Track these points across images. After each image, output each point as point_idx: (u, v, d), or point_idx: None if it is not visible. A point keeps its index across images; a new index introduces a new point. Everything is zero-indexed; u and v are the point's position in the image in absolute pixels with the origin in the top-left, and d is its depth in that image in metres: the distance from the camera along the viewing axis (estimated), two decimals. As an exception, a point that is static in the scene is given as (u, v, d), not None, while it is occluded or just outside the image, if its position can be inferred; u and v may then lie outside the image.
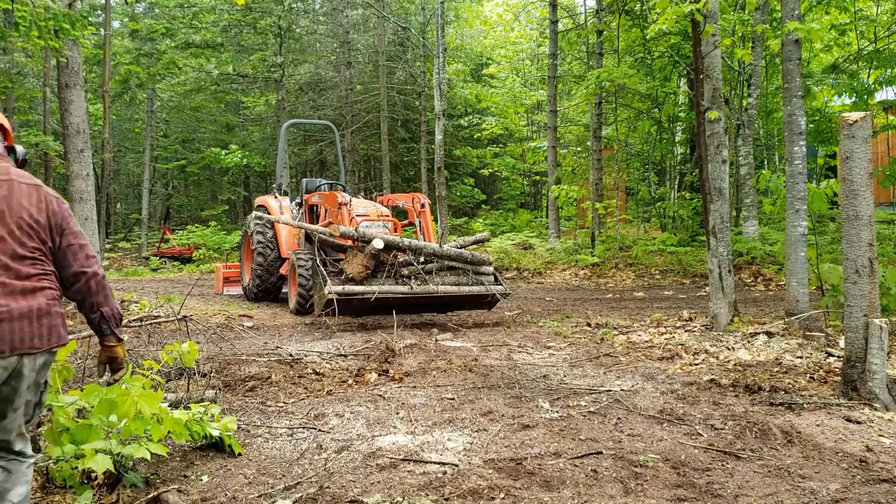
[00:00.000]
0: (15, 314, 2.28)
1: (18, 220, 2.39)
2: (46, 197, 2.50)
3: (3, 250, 2.33)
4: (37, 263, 2.40)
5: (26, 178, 2.50)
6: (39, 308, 2.34)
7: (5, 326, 2.25)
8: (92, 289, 2.53)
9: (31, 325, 2.31)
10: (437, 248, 7.90)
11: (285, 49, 23.20)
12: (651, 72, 16.82)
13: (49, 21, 5.40)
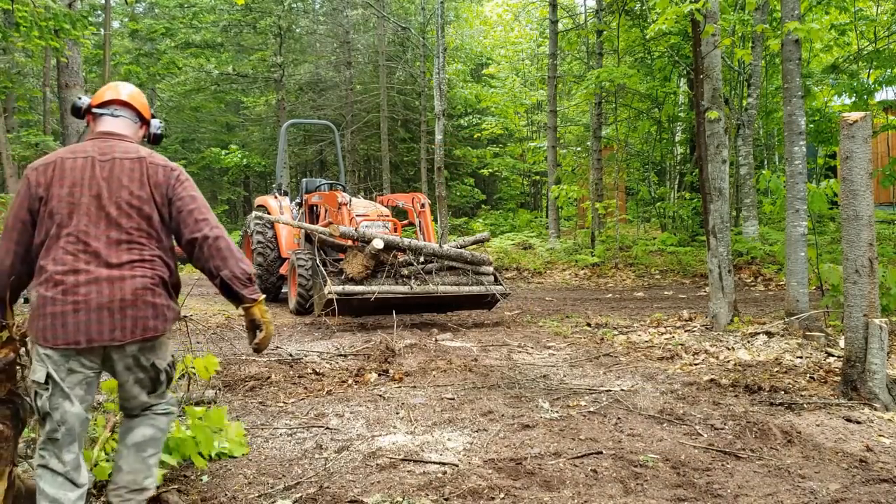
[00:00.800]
0: (93, 305, 2.25)
1: (118, 199, 2.35)
2: (149, 168, 2.43)
3: (98, 236, 2.31)
4: (134, 247, 2.34)
5: (131, 153, 2.45)
6: (123, 299, 2.28)
7: (82, 317, 2.24)
8: (205, 254, 2.43)
9: (112, 316, 2.26)
10: (437, 248, 7.90)
11: (285, 49, 23.20)
12: (651, 72, 16.82)
13: (49, 21, 5.40)
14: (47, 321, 2.25)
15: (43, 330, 2.26)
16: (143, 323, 2.30)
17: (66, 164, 2.38)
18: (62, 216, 2.32)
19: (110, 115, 2.55)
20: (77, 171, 2.36)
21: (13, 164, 9.12)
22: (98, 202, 2.34)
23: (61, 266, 2.26)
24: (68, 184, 2.35)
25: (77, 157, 2.39)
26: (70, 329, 2.23)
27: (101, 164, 2.39)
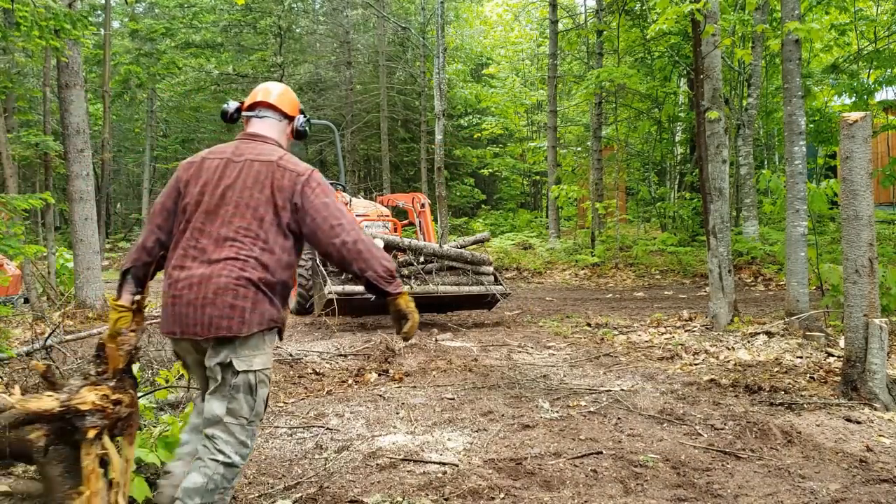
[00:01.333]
0: (183, 300, 2.36)
1: (237, 199, 2.44)
2: (276, 172, 2.48)
3: (210, 232, 2.41)
4: (234, 246, 2.39)
5: (264, 156, 2.53)
6: (205, 297, 2.34)
7: (177, 309, 2.37)
8: (346, 258, 2.47)
9: (195, 312, 2.34)
10: (437, 248, 7.90)
11: (285, 49, 23.21)
12: (651, 72, 16.82)
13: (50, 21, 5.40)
14: (161, 310, 2.46)
15: (160, 317, 2.48)
16: (217, 322, 2.33)
17: (205, 164, 2.53)
18: (189, 212, 2.46)
19: (256, 117, 2.67)
20: (210, 171, 2.50)
21: (13, 164, 9.12)
22: (220, 201, 2.44)
23: (175, 261, 2.44)
24: (201, 182, 2.49)
25: (215, 158, 2.54)
26: (169, 320, 2.41)
27: (233, 164, 2.51)
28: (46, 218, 10.00)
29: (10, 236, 5.06)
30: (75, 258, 8.37)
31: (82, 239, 8.27)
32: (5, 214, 5.40)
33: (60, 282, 9.41)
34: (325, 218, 2.45)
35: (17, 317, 7.52)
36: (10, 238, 5.00)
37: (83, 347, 5.95)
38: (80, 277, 8.24)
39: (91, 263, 8.30)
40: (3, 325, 6.42)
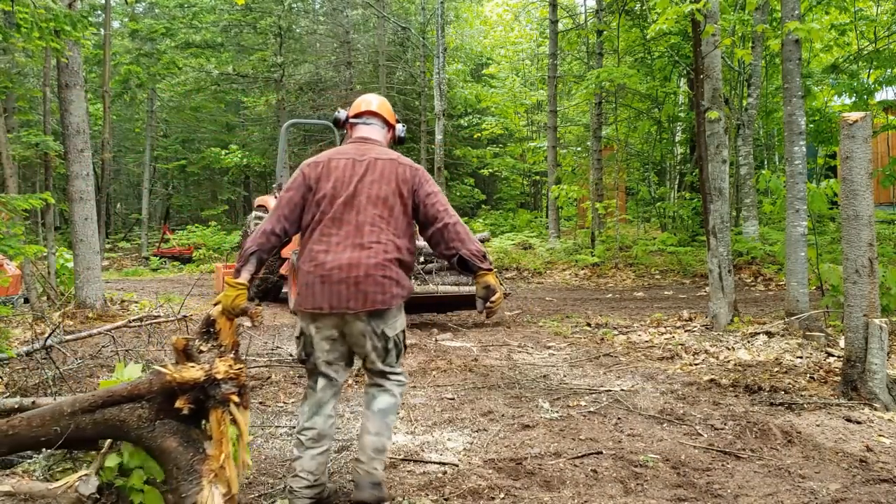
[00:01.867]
0: (334, 279, 2.74)
1: (368, 192, 2.86)
2: (399, 168, 2.95)
3: (349, 220, 2.81)
4: (374, 231, 2.82)
5: (384, 155, 2.97)
6: (357, 276, 2.75)
7: (327, 288, 2.75)
8: (447, 237, 2.90)
9: (349, 289, 2.74)
10: (437, 248, 7.90)
11: (285, 49, 23.20)
12: (651, 72, 16.81)
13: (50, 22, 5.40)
14: (304, 290, 2.79)
15: (300, 296, 2.81)
16: (371, 297, 2.75)
17: (332, 164, 2.91)
18: (325, 205, 2.84)
19: (364, 124, 3.09)
20: (340, 169, 2.89)
21: (13, 164, 9.12)
22: (353, 194, 2.84)
23: (319, 246, 2.80)
24: (333, 179, 2.87)
25: (341, 158, 2.93)
26: (317, 297, 2.76)
27: (358, 163, 2.91)
28: (46, 218, 10.00)
29: (10, 236, 5.06)
30: (75, 258, 8.37)
31: (82, 239, 8.27)
32: (5, 214, 5.40)
33: (60, 282, 9.41)
34: (434, 204, 2.92)
35: (17, 317, 7.52)
36: (10, 238, 5.00)
37: (83, 347, 5.95)
38: (80, 277, 8.24)
39: (91, 263, 8.30)
40: (3, 325, 6.42)
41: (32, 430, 2.75)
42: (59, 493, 2.58)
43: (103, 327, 5.55)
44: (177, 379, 2.53)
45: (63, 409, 2.74)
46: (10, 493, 2.61)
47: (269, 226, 2.86)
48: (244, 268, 2.82)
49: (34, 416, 2.77)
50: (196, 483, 2.53)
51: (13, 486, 2.64)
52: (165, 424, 2.68)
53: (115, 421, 2.72)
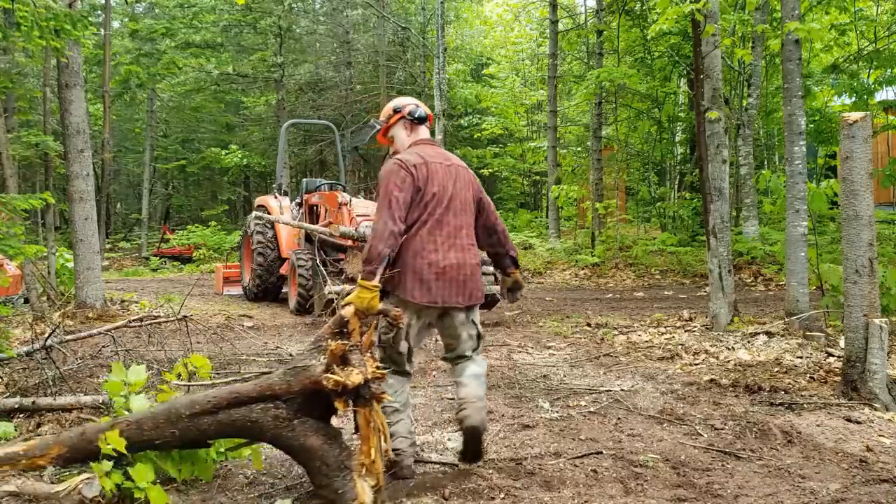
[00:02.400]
0: (446, 277, 3.10)
1: (460, 198, 3.22)
2: (469, 174, 3.33)
3: (450, 222, 3.15)
4: (466, 233, 3.23)
5: (456, 161, 3.32)
6: (465, 275, 3.15)
7: (441, 284, 3.09)
8: (500, 240, 3.45)
9: (458, 286, 3.13)
10: (437, 248, 7.90)
11: (285, 49, 23.20)
12: (651, 72, 16.81)
13: (50, 21, 5.40)
14: (418, 285, 3.07)
15: (412, 290, 3.07)
16: (473, 293, 3.20)
17: (431, 167, 3.17)
18: (431, 207, 3.13)
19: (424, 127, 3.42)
20: (439, 175, 3.18)
21: (13, 164, 9.12)
22: (451, 199, 3.18)
23: (429, 245, 3.10)
24: (436, 183, 3.15)
25: (434, 162, 3.20)
26: (433, 292, 3.08)
27: (447, 168, 3.23)
28: (46, 218, 9.99)
29: (10, 236, 5.05)
30: (75, 258, 8.37)
31: (82, 239, 8.27)
32: (5, 214, 5.40)
33: (60, 282, 9.41)
34: (492, 211, 3.44)
35: (17, 317, 7.52)
36: (10, 238, 5.00)
37: (83, 347, 5.95)
38: (80, 277, 8.24)
39: (91, 263, 8.30)
40: (3, 325, 6.42)
41: (144, 433, 2.79)
42: (63, 495, 2.59)
43: (103, 327, 5.54)
44: (344, 382, 2.65)
45: (180, 412, 2.79)
46: (14, 493, 2.62)
47: (395, 227, 3.03)
48: (378, 270, 2.96)
49: (143, 419, 2.82)
50: (349, 478, 2.69)
51: (18, 487, 2.65)
52: (305, 424, 2.77)
53: (245, 422, 2.79)
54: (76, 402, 4.06)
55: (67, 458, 2.82)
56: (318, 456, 2.74)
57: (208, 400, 2.81)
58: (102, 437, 2.73)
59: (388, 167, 3.16)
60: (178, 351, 5.52)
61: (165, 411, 2.82)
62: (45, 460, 2.78)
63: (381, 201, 3.07)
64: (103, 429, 2.80)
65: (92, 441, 2.79)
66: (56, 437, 2.85)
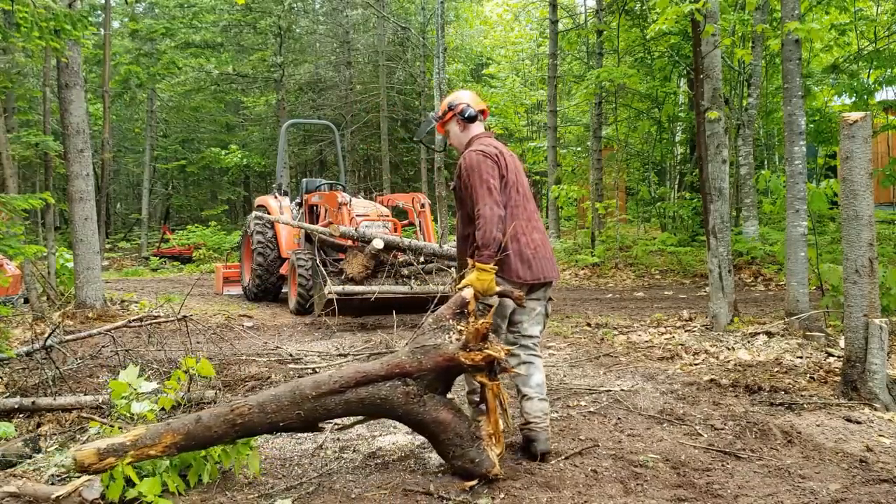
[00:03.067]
0: (541, 255, 3.40)
1: (524, 184, 3.51)
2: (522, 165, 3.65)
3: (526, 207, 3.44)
4: (538, 217, 3.53)
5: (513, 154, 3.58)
6: (549, 254, 3.47)
7: (537, 263, 3.37)
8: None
9: (549, 264, 3.45)
10: (437, 248, 7.90)
11: (285, 49, 23.20)
12: (651, 72, 16.81)
13: (50, 21, 5.40)
14: (521, 264, 3.34)
15: (517, 270, 3.33)
16: (555, 269, 3.51)
17: (505, 157, 3.45)
18: (509, 192, 3.40)
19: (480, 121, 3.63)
20: (511, 164, 3.46)
21: (13, 164, 9.11)
22: (522, 185, 3.48)
23: (520, 227, 3.37)
24: (510, 171, 3.43)
25: (504, 153, 3.47)
26: (534, 270, 3.37)
27: (511, 158, 3.49)
28: (46, 218, 9.99)
29: (10, 236, 5.06)
30: (75, 258, 8.37)
31: (82, 239, 8.27)
32: (5, 214, 5.40)
33: (60, 282, 9.41)
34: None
35: (17, 317, 7.52)
36: (10, 238, 5.00)
37: (83, 347, 5.95)
38: (80, 277, 8.24)
39: (91, 263, 8.30)
40: (3, 325, 6.42)
41: (267, 416, 2.88)
42: (64, 497, 2.59)
43: (103, 327, 5.54)
44: (493, 356, 2.94)
45: (305, 393, 2.91)
46: (15, 494, 2.61)
47: (501, 212, 3.28)
48: (494, 253, 3.21)
49: (266, 402, 2.90)
50: (481, 448, 2.96)
51: (18, 488, 2.65)
52: (434, 399, 2.98)
53: (374, 399, 2.95)
54: (76, 402, 4.06)
55: (181, 447, 2.80)
56: (450, 428, 2.94)
57: (335, 380, 2.95)
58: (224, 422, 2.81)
59: (472, 158, 3.36)
60: (178, 351, 5.52)
61: (290, 393, 2.92)
62: (157, 450, 2.75)
63: (479, 190, 3.27)
64: (223, 413, 2.85)
65: (210, 427, 2.81)
66: (167, 426, 2.82)
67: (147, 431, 2.78)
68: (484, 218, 3.20)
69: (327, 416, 2.98)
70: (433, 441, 3.03)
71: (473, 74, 26.19)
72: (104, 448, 2.68)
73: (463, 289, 3.13)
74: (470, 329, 2.95)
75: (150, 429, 2.81)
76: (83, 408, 4.01)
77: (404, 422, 3.04)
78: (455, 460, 2.97)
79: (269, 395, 2.92)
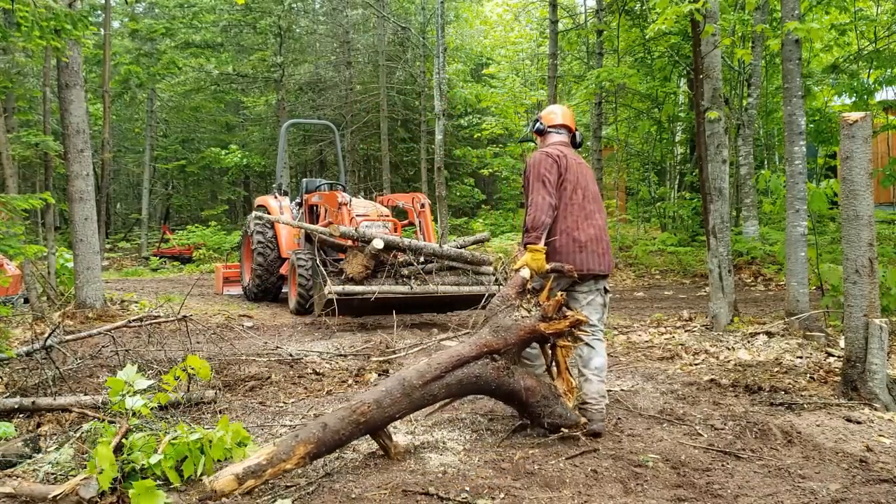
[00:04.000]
0: (588, 249, 3.84)
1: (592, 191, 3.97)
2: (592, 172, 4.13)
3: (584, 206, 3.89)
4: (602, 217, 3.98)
5: (582, 160, 4.07)
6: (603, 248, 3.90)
7: (587, 255, 3.82)
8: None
9: (601, 257, 3.88)
10: (437, 247, 7.90)
11: (285, 49, 23.20)
12: (651, 72, 16.81)
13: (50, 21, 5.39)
14: (570, 255, 3.80)
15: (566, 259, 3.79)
16: (609, 264, 3.93)
17: (568, 160, 3.93)
18: (571, 191, 3.88)
19: (556, 133, 4.21)
20: (574, 166, 3.94)
21: (13, 164, 9.11)
22: (585, 188, 3.93)
23: (573, 223, 3.84)
24: (572, 173, 3.91)
25: (569, 157, 3.97)
26: (587, 262, 3.82)
27: (578, 164, 3.98)
28: (46, 218, 9.99)
29: (10, 236, 5.06)
30: (75, 258, 8.37)
31: (82, 239, 8.27)
32: (5, 214, 5.40)
33: (60, 282, 9.41)
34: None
35: (17, 317, 7.52)
36: (10, 238, 5.00)
37: (83, 347, 5.95)
38: (80, 277, 8.24)
39: (91, 263, 8.30)
40: (3, 325, 6.42)
41: (385, 410, 3.15)
42: (60, 497, 2.59)
43: (103, 327, 5.54)
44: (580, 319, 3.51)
45: (413, 383, 3.22)
46: (11, 495, 2.61)
47: (552, 200, 3.80)
48: (542, 236, 3.72)
49: (381, 398, 3.16)
50: (563, 404, 3.51)
51: (14, 489, 2.64)
52: (519, 370, 3.45)
53: (471, 378, 3.34)
54: (76, 402, 4.06)
55: (314, 455, 2.96)
56: (537, 392, 3.42)
57: (434, 367, 3.27)
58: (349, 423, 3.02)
59: (536, 156, 4.01)
60: (178, 351, 5.52)
61: (399, 386, 3.20)
62: (292, 463, 2.88)
63: (534, 182, 3.86)
64: (346, 416, 3.04)
65: (337, 432, 3.00)
66: (296, 438, 2.94)
67: (279, 448, 2.88)
68: (535, 204, 3.77)
69: (432, 400, 3.31)
70: (523, 406, 3.48)
71: (473, 74, 26.18)
72: (241, 472, 2.78)
73: (520, 270, 3.63)
74: (550, 302, 3.52)
75: (281, 444, 2.91)
76: (83, 408, 4.01)
77: (497, 395, 3.48)
78: (545, 418, 3.46)
79: (382, 392, 3.16)
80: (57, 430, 3.79)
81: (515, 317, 3.47)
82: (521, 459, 3.31)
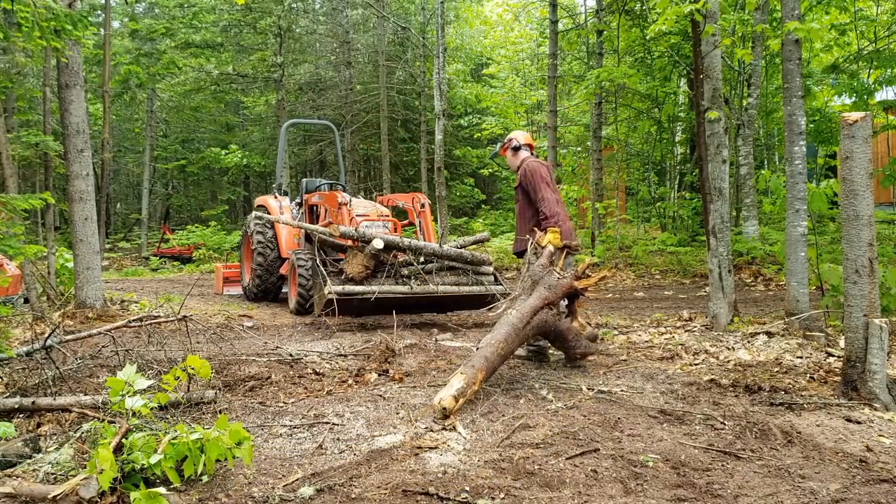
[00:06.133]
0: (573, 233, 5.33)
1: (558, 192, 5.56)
2: None
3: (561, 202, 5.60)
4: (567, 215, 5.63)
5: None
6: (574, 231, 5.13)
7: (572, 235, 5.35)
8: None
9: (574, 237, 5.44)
10: (437, 247, 7.90)
11: (285, 49, 23.21)
12: (651, 72, 16.81)
13: (51, 21, 5.40)
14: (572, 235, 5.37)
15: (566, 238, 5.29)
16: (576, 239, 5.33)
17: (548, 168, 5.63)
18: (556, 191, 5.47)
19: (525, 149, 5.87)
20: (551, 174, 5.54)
21: (13, 164, 9.11)
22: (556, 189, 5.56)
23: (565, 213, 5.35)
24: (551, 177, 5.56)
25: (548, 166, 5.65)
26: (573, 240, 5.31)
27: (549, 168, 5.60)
28: (46, 218, 9.99)
29: (10, 236, 5.06)
30: (75, 258, 8.37)
31: (82, 239, 8.27)
32: (5, 214, 5.40)
33: (60, 282, 9.41)
34: None
35: (17, 317, 7.52)
36: (10, 238, 5.00)
37: (83, 347, 5.95)
38: (80, 277, 8.24)
39: (91, 263, 8.30)
40: (3, 325, 6.43)
41: (510, 345, 4.44)
42: (60, 497, 2.59)
43: (103, 327, 5.54)
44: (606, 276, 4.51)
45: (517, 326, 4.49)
46: (11, 495, 2.61)
47: (558, 196, 5.50)
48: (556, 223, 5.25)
49: (506, 337, 4.41)
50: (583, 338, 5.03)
51: (14, 488, 2.64)
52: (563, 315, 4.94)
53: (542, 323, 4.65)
54: (76, 402, 4.06)
55: (487, 378, 4.31)
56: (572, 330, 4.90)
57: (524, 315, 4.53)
58: (498, 356, 4.35)
59: (534, 164, 5.53)
60: (178, 351, 5.52)
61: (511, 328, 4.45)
62: (478, 384, 4.17)
63: (540, 184, 5.40)
64: (494, 350, 4.30)
65: (493, 361, 4.32)
66: (473, 368, 4.14)
67: (467, 375, 4.04)
68: (548, 200, 5.33)
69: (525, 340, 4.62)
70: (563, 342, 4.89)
71: (473, 74, 26.19)
72: (456, 393, 3.91)
73: (545, 245, 5.02)
74: (584, 265, 5.07)
75: (467, 372, 4.06)
76: (83, 408, 4.01)
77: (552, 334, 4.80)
78: (576, 349, 4.98)
79: (504, 333, 4.39)
80: (57, 430, 3.79)
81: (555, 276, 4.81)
82: (521, 459, 3.31)
